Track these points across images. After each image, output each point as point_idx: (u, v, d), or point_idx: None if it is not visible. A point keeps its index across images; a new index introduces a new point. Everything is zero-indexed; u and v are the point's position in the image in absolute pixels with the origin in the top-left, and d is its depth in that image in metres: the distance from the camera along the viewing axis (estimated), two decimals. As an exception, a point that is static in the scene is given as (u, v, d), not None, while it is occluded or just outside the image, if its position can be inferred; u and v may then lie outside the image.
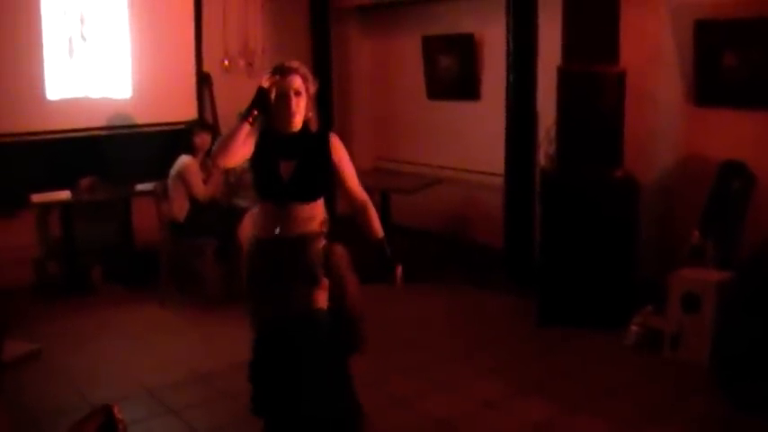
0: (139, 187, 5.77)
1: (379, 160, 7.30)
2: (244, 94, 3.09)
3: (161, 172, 5.26)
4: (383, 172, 7.07)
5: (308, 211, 2.84)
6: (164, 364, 4.19)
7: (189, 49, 6.26)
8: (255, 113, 2.70)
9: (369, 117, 7.47)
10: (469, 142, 6.41)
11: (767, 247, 4.08)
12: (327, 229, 2.92)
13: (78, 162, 5.64)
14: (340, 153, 2.91)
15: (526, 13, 5.19)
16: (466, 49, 6.29)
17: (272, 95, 2.73)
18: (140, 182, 5.74)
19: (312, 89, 2.83)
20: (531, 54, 5.21)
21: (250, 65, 6.48)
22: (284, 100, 2.76)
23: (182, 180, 5.11)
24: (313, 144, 2.87)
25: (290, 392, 2.86)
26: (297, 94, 2.77)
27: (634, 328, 4.31)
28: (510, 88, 5.31)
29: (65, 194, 5.51)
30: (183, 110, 6.12)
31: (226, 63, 6.44)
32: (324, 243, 2.89)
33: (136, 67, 5.94)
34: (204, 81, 6.37)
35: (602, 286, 4.52)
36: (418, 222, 6.79)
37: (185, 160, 5.15)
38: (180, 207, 5.13)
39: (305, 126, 2.86)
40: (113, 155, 5.76)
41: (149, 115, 6.03)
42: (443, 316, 5.01)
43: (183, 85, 6.24)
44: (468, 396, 3.75)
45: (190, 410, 3.61)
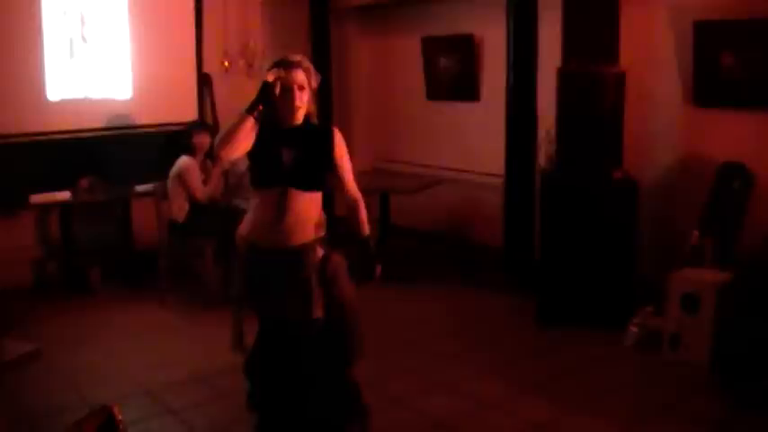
0: (139, 188, 5.79)
1: (379, 161, 7.30)
2: (244, 94, 3.10)
3: (161, 173, 5.26)
4: (383, 172, 7.07)
5: (306, 203, 2.84)
6: (163, 364, 4.18)
7: (189, 50, 6.27)
8: (261, 108, 2.71)
9: (368, 117, 7.48)
10: (469, 143, 6.41)
11: (767, 247, 4.09)
12: (325, 233, 2.93)
13: (78, 163, 5.63)
14: (342, 148, 2.95)
15: (526, 13, 5.19)
16: (466, 50, 6.29)
17: (277, 90, 2.73)
18: (140, 182, 5.75)
19: (315, 83, 2.86)
20: (531, 55, 5.22)
21: (250, 65, 6.46)
22: (288, 94, 2.78)
23: (181, 181, 5.11)
24: (316, 136, 2.89)
25: (284, 391, 2.87)
26: (300, 88, 2.80)
27: (634, 328, 4.31)
28: (510, 89, 5.31)
29: (65, 195, 5.51)
30: (183, 111, 6.12)
31: (226, 64, 6.43)
32: (321, 253, 2.90)
33: (136, 68, 5.94)
34: (204, 82, 6.37)
35: (601, 286, 4.53)
36: (418, 223, 6.80)
37: (185, 161, 5.15)
38: (179, 207, 5.14)
39: (307, 119, 2.88)
40: (113, 156, 5.75)
41: (149, 116, 6.03)
42: (443, 316, 5.01)
43: (183, 86, 6.24)
44: (468, 396, 3.75)
45: (189, 410, 3.61)
